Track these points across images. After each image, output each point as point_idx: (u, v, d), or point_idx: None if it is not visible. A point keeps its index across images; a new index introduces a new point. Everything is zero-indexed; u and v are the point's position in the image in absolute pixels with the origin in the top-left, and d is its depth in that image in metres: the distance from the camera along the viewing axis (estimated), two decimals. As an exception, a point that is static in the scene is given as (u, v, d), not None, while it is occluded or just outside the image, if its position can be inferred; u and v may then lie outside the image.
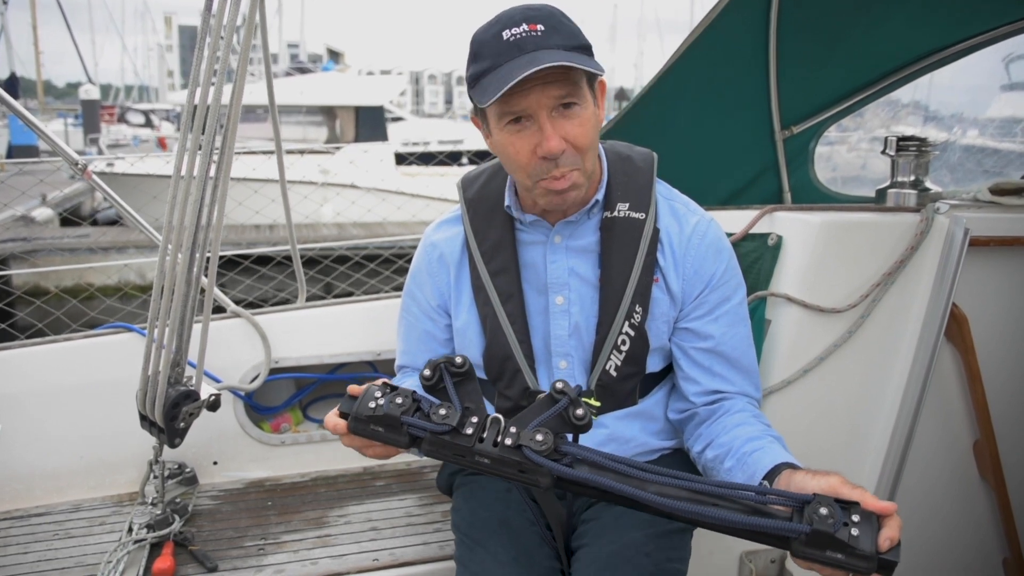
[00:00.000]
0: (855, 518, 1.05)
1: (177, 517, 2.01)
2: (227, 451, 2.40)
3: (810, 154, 3.00)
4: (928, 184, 2.20)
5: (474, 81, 1.43)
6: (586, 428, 1.18)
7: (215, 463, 2.38)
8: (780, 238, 2.00)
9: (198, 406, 1.87)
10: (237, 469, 2.40)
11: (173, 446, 1.87)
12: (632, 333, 1.56)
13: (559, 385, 1.20)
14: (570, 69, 1.37)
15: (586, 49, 1.42)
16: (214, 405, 1.93)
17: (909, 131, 2.74)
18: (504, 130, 1.44)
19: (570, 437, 1.20)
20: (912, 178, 2.20)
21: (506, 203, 1.61)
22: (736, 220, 2.12)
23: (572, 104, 1.41)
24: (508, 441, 1.15)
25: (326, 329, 2.50)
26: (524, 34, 1.38)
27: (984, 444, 2.06)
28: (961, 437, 2.10)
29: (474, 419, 1.19)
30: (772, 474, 1.28)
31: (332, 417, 1.30)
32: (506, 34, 1.38)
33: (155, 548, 1.91)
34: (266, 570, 1.86)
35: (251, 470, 2.41)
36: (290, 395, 2.64)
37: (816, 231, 1.92)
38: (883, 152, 2.25)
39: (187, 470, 2.30)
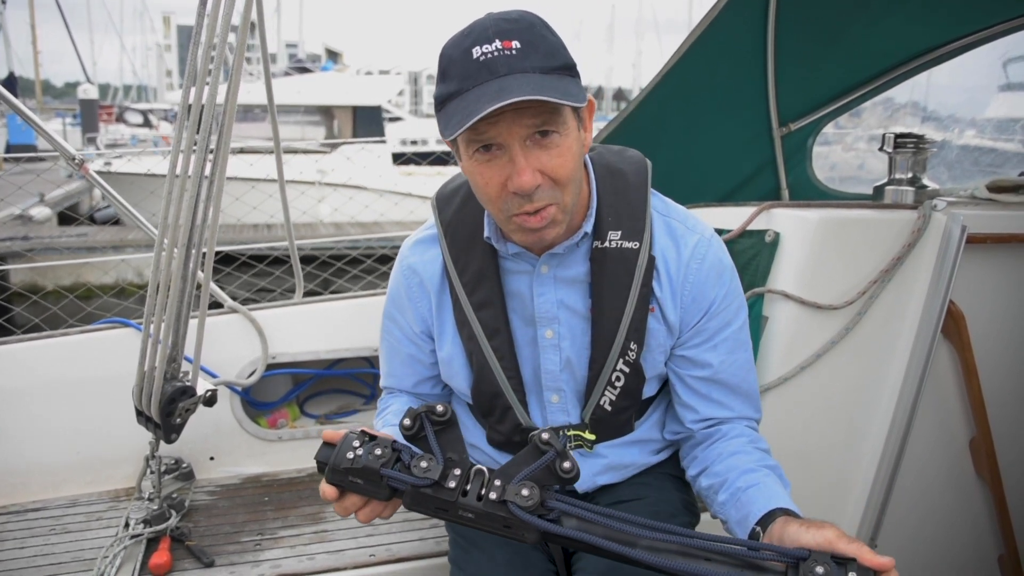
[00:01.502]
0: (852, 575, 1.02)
1: (174, 512, 2.01)
2: (224, 446, 2.40)
3: (808, 151, 3.01)
4: (925, 181, 2.21)
5: (439, 105, 1.27)
6: (573, 481, 1.13)
7: (212, 458, 2.38)
8: (777, 235, 2.00)
9: (194, 401, 1.87)
10: (234, 464, 2.40)
11: (169, 442, 1.87)
12: (627, 370, 1.47)
13: (545, 436, 1.14)
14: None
15: (568, 69, 1.25)
16: (211, 400, 1.93)
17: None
18: (472, 159, 1.28)
19: (557, 488, 1.16)
20: (910, 175, 2.21)
21: (485, 234, 1.45)
22: (734, 217, 2.12)
23: (550, 132, 1.24)
24: (493, 495, 1.11)
25: (323, 325, 2.50)
26: (496, 53, 1.20)
27: (980, 441, 2.07)
28: (957, 434, 2.10)
29: (457, 471, 1.13)
30: (766, 519, 1.23)
31: (324, 486, 1.22)
32: (476, 52, 1.21)
33: (152, 543, 1.91)
34: (263, 565, 1.86)
35: (248, 465, 2.41)
36: (287, 391, 2.64)
37: (813, 228, 1.92)
38: (880, 149, 2.25)
39: (184, 465, 2.30)
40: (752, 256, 2.06)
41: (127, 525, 1.95)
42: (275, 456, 2.44)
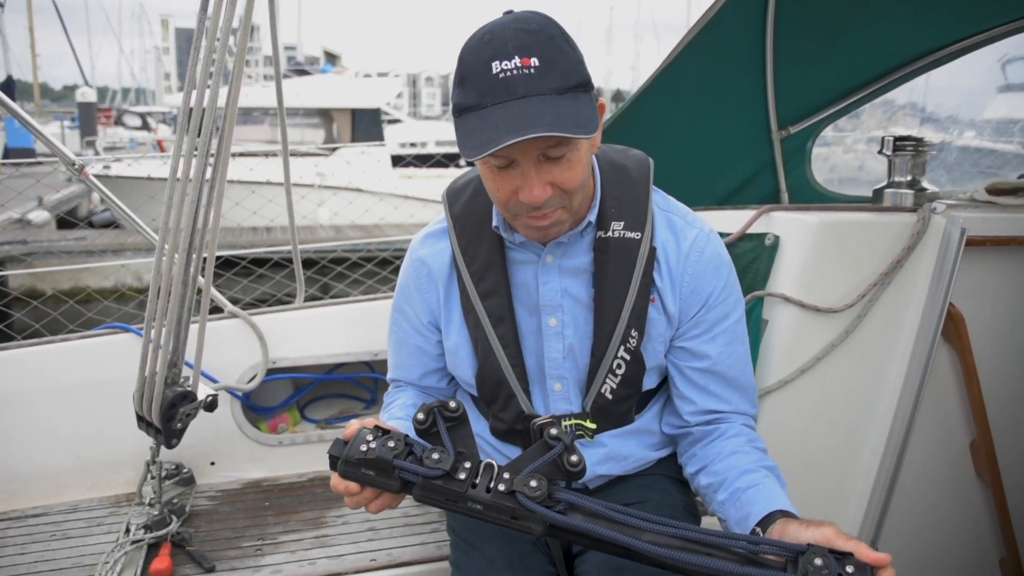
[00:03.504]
0: (849, 569, 1.04)
1: (175, 517, 2.01)
2: (224, 451, 2.40)
3: (807, 154, 3.01)
4: (925, 184, 2.21)
5: (458, 112, 1.29)
6: (580, 475, 1.16)
7: (212, 463, 2.38)
8: (777, 238, 2.00)
9: (195, 407, 1.87)
10: (234, 469, 2.40)
11: (170, 447, 1.87)
12: (628, 357, 1.50)
13: (554, 432, 1.17)
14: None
15: (584, 86, 1.28)
16: (211, 405, 1.94)
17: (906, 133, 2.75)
18: (487, 165, 1.32)
19: (564, 483, 1.18)
20: (909, 178, 2.21)
21: (494, 224, 1.51)
22: (733, 220, 2.12)
23: (561, 152, 1.28)
24: (501, 487, 1.13)
25: (323, 329, 2.50)
26: (516, 71, 1.22)
27: (980, 443, 2.07)
28: (958, 436, 2.10)
29: (467, 464, 1.16)
30: (767, 521, 1.24)
31: (336, 479, 1.24)
32: (496, 67, 1.22)
33: (153, 549, 1.91)
34: (264, 570, 1.86)
35: (248, 470, 2.40)
36: (288, 395, 2.64)
37: (813, 231, 1.92)
38: (880, 152, 2.25)
39: (184, 470, 2.30)
40: (752, 259, 2.06)
41: (128, 530, 1.95)
42: (276, 461, 2.44)
